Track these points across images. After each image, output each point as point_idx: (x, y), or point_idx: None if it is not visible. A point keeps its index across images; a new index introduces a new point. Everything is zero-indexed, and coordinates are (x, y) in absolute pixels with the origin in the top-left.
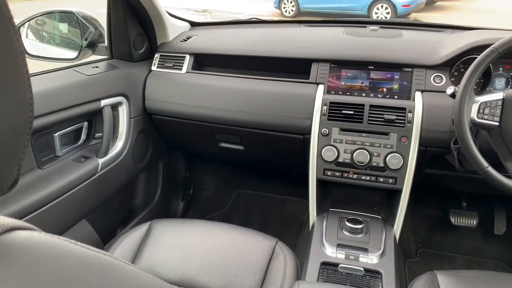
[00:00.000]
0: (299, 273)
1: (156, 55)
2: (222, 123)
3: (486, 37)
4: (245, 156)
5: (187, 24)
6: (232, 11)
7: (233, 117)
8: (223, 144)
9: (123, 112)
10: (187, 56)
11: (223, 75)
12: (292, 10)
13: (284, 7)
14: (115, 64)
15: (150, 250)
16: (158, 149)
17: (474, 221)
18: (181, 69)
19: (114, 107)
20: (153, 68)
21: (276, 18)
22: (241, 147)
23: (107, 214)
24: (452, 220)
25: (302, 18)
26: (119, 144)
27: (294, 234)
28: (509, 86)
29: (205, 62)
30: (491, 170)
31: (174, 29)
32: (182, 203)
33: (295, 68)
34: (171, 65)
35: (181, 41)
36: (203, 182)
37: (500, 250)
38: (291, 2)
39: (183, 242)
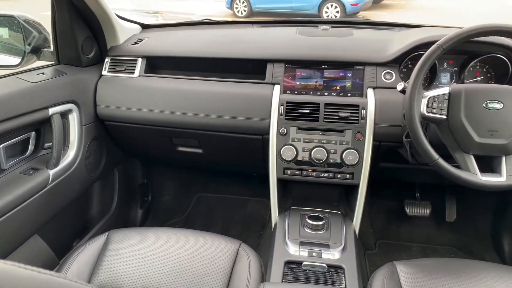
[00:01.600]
0: (264, 274)
1: (106, 59)
2: (179, 126)
3: (431, 34)
4: (204, 159)
5: (137, 26)
6: (183, 12)
7: (190, 120)
8: (181, 148)
9: (73, 120)
10: (139, 59)
11: (178, 77)
12: (245, 11)
13: (236, 8)
14: (63, 70)
15: (109, 262)
16: (113, 157)
17: (427, 210)
18: (133, 72)
19: (64, 115)
20: (104, 72)
21: (229, 19)
22: (199, 151)
23: (61, 227)
24: (407, 210)
25: (255, 19)
26: (70, 154)
27: (257, 234)
28: (454, 80)
29: (158, 65)
30: (441, 161)
31: (124, 32)
32: (140, 211)
33: (251, 68)
34: (123, 69)
35: (132, 44)
36: (162, 187)
37: (452, 236)
38: (243, 2)
39: (143, 251)
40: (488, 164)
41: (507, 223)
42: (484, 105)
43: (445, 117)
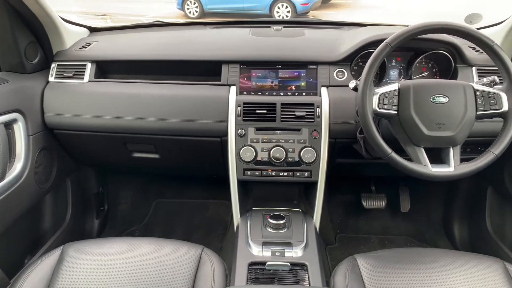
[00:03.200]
0: (228, 278)
1: (52, 65)
2: (133, 132)
3: (379, 32)
4: (162, 164)
5: (85, 30)
6: (133, 14)
7: (144, 125)
8: (136, 154)
9: (19, 130)
10: (88, 64)
11: (130, 81)
12: (196, 11)
13: (188, 8)
14: (4, 77)
15: (65, 278)
16: (65, 166)
17: (383, 202)
18: (82, 78)
19: (8, 125)
20: (51, 79)
21: (181, 20)
22: (156, 156)
23: (10, 244)
24: (364, 204)
25: (208, 20)
26: (17, 166)
27: (219, 237)
28: (402, 76)
29: (109, 69)
30: (394, 155)
31: (71, 36)
32: (97, 221)
33: (206, 70)
34: (71, 75)
35: (80, 49)
36: (118, 195)
37: (407, 226)
38: (194, 3)
39: (102, 264)
40: (438, 155)
41: (456, 210)
42: (431, 99)
43: (396, 112)
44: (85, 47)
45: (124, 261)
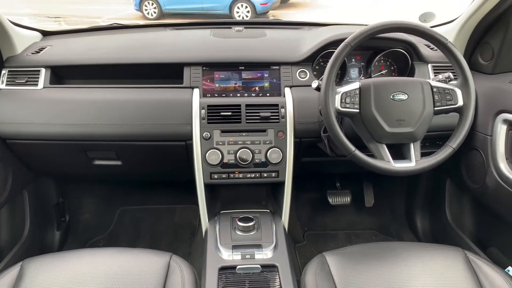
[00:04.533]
0: (198, 284)
1: (3, 71)
2: (94, 139)
3: (339, 32)
4: (125, 171)
5: (37, 33)
6: (89, 16)
7: (105, 132)
8: (97, 162)
9: None
10: (43, 70)
11: (89, 87)
12: (155, 12)
13: (146, 9)
14: None
15: None
16: (21, 177)
17: (348, 198)
18: (36, 84)
19: None
20: (1, 86)
21: (140, 22)
22: (118, 162)
23: None
24: (330, 200)
25: (167, 21)
26: None
27: (187, 242)
28: (362, 75)
29: (65, 74)
30: (358, 152)
31: (22, 40)
32: (58, 233)
33: (167, 73)
34: (24, 81)
35: (32, 53)
36: (80, 205)
37: (372, 220)
38: (152, 4)
39: (65, 278)
40: (399, 151)
41: (418, 203)
42: (391, 97)
43: (358, 110)
44: (38, 52)
45: (88, 274)
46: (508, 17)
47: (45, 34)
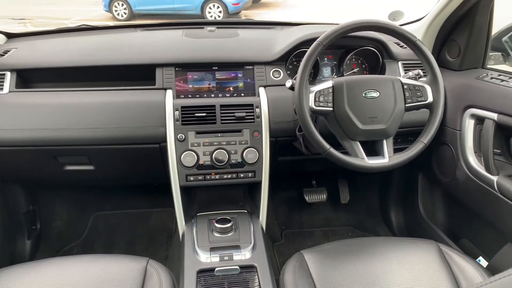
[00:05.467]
0: None
1: None
2: (64, 144)
3: (311, 31)
4: (97, 176)
5: (1, 36)
6: (56, 17)
7: (76, 136)
8: (69, 167)
9: None
10: (8, 73)
11: (58, 90)
12: (125, 13)
13: (116, 10)
14: None
15: None
16: None
17: (324, 195)
18: (1, 89)
19: None
20: None
21: (109, 23)
22: (91, 167)
23: None
24: (306, 198)
25: (138, 22)
26: None
27: (164, 246)
28: (334, 73)
29: (32, 78)
30: (332, 150)
31: None
32: (29, 242)
33: (139, 75)
34: None
35: None
36: (52, 212)
37: (347, 216)
38: (122, 4)
39: None
40: (372, 148)
41: (392, 198)
42: (363, 94)
43: (331, 109)
44: (3, 55)
45: (62, 283)
46: (473, 15)
47: (10, 36)
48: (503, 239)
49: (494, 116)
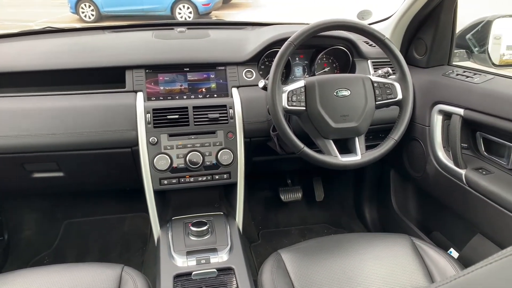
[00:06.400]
0: None
1: None
2: (31, 151)
3: (282, 31)
4: (67, 182)
5: None
6: (20, 19)
7: (44, 142)
8: (37, 175)
9: None
10: None
11: (22, 95)
12: (92, 15)
13: (83, 12)
14: None
15: None
16: None
17: (299, 194)
18: None
19: None
20: None
21: (76, 25)
22: (60, 174)
23: None
24: (282, 197)
25: (106, 24)
26: None
27: (140, 252)
28: (306, 73)
29: None
30: (306, 149)
31: None
32: None
33: (109, 78)
34: None
35: None
36: (20, 221)
37: (323, 214)
38: (89, 6)
39: None
40: (345, 145)
41: (365, 194)
42: (335, 93)
43: (304, 108)
44: None
45: None
46: (438, 14)
47: None
48: (472, 231)
49: (461, 111)
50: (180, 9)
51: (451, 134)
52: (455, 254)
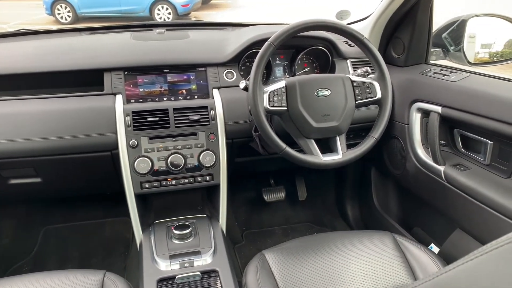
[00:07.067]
0: None
1: None
2: (7, 156)
3: (262, 32)
4: (45, 188)
5: None
6: None
7: (20, 147)
8: (13, 181)
9: None
10: None
11: None
12: (69, 16)
13: (59, 13)
14: None
15: None
16: None
17: (282, 194)
18: None
19: None
20: None
21: (52, 27)
22: (38, 179)
23: None
24: (265, 197)
25: (83, 25)
26: None
27: (122, 257)
28: (286, 73)
29: None
30: (288, 149)
31: None
32: None
33: (86, 80)
34: None
35: None
36: None
37: (306, 213)
38: (65, 7)
39: None
40: (327, 145)
41: (347, 193)
42: (315, 93)
43: (286, 108)
44: None
45: None
46: (414, 13)
47: None
48: (452, 226)
49: (439, 109)
50: (158, 10)
51: (429, 132)
52: (435, 249)
